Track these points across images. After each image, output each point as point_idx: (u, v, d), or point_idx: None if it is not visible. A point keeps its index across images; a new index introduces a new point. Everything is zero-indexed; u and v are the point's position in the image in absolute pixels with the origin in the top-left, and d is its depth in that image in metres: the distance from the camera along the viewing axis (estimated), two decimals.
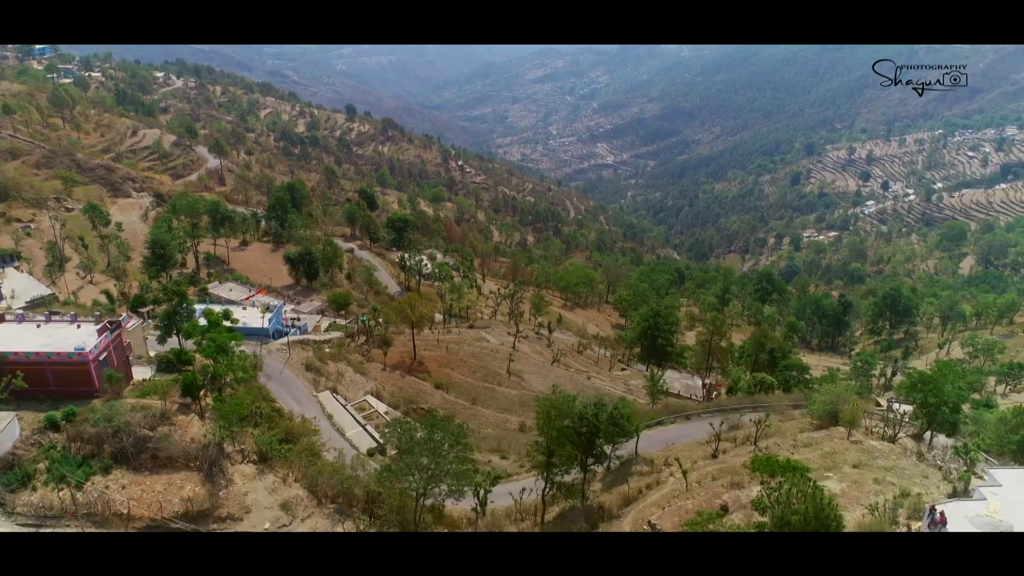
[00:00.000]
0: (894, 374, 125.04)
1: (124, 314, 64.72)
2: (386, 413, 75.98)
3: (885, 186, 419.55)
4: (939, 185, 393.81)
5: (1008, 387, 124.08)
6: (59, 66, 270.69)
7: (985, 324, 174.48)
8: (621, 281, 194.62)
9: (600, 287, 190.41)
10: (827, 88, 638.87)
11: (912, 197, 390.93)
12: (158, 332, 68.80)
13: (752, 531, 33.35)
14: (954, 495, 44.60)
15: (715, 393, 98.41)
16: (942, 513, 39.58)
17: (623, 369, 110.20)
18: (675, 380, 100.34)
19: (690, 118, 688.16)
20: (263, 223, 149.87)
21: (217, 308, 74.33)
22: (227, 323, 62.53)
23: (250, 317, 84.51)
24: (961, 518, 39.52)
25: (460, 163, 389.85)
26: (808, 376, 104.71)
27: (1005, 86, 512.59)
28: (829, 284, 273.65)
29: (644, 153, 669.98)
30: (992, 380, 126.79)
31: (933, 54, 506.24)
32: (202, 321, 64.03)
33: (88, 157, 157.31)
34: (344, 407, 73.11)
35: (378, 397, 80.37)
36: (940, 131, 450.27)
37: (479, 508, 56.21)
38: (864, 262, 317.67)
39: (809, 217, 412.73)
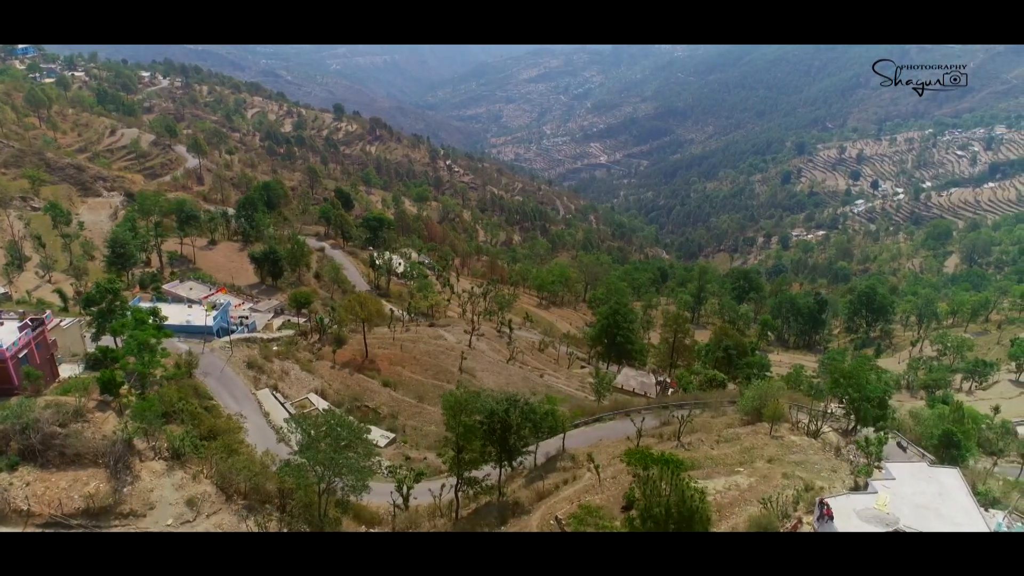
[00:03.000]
0: None
1: (48, 312, 64.49)
2: (326, 411, 75.63)
3: (875, 185, 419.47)
4: (928, 184, 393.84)
5: (974, 384, 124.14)
6: (41, 66, 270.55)
7: (960, 322, 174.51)
8: (600, 280, 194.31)
9: (577, 286, 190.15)
10: (819, 87, 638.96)
11: (901, 196, 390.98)
12: (92, 330, 68.53)
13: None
14: (855, 489, 44.43)
15: (671, 390, 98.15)
16: (828, 507, 39.48)
17: (582, 367, 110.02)
18: (631, 378, 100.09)
19: (683, 117, 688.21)
20: (233, 222, 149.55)
21: (146, 306, 74.05)
22: (155, 320, 62.21)
23: (196, 315, 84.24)
24: (849, 512, 39.41)
25: (448, 162, 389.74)
26: (768, 374, 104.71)
27: (995, 85, 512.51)
28: (813, 283, 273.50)
29: (637, 153, 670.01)
30: (959, 377, 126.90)
31: (925, 53, 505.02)
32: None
33: (58, 156, 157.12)
34: (282, 405, 72.86)
35: (322, 395, 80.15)
36: (930, 130, 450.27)
37: (402, 504, 56.13)
38: (850, 261, 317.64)
39: (799, 216, 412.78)
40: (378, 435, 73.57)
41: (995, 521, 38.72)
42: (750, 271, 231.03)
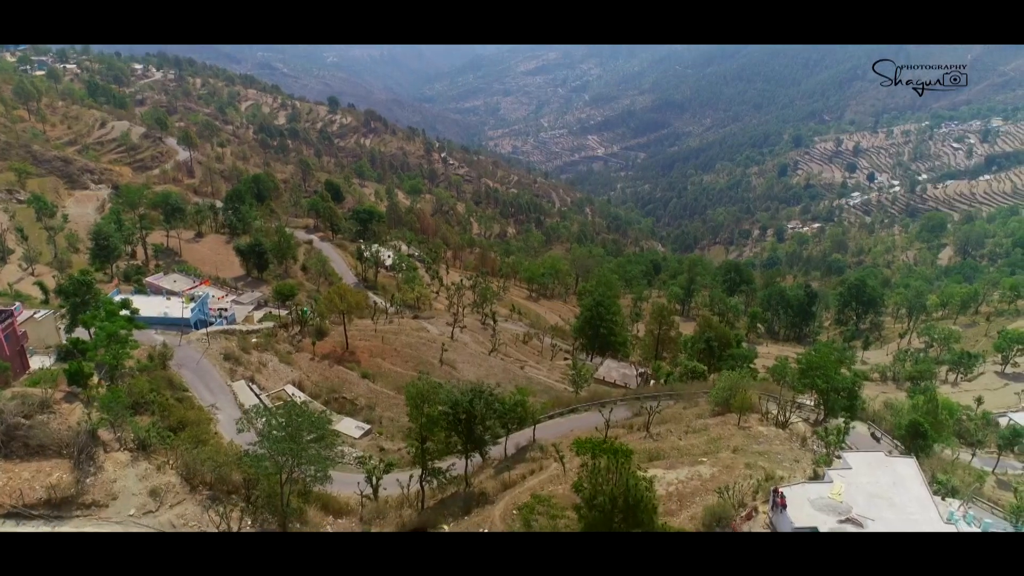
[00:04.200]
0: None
1: (17, 304, 64.40)
2: (303, 403, 75.64)
3: (871, 177, 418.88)
4: (924, 176, 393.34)
5: (959, 376, 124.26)
6: (32, 58, 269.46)
7: (950, 315, 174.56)
8: (591, 272, 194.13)
9: (568, 279, 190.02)
10: (817, 80, 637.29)
11: (897, 188, 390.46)
12: (65, 322, 68.50)
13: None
14: (814, 478, 44.47)
15: (652, 382, 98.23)
16: (782, 495, 39.55)
17: (565, 359, 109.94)
18: (613, 369, 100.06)
19: (681, 110, 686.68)
20: (220, 215, 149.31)
21: (118, 298, 73.96)
22: (126, 312, 62.14)
23: (173, 307, 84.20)
24: (803, 500, 39.47)
25: (443, 155, 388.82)
26: (751, 366, 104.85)
27: (993, 77, 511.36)
28: (807, 275, 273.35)
29: (634, 145, 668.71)
30: (944, 369, 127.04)
31: (924, 50, 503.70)
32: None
33: (45, 149, 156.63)
34: (258, 396, 72.86)
35: (300, 387, 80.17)
36: (927, 123, 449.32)
37: (371, 494, 56.27)
38: (845, 253, 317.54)
39: (795, 209, 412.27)
40: (353, 426, 73.73)
41: (948, 511, 38.74)
42: (742, 264, 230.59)
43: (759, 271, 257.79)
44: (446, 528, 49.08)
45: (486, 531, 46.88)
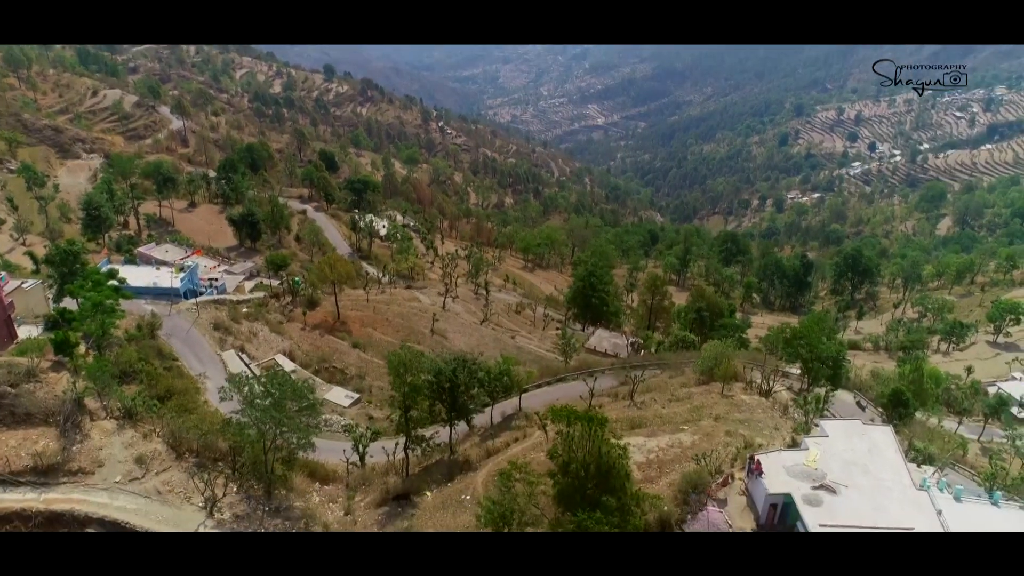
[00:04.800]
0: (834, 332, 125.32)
1: (3, 274, 64.38)
2: (293, 372, 76.07)
3: (872, 147, 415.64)
4: (925, 146, 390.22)
5: (951, 345, 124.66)
6: None
7: (946, 285, 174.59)
8: (587, 243, 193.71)
9: (564, 249, 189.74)
10: (820, 48, 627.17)
11: (898, 158, 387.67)
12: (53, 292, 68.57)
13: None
14: (792, 446, 44.87)
15: (642, 351, 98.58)
16: (758, 462, 39.96)
17: (557, 329, 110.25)
18: (604, 339, 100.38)
19: (682, 79, 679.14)
20: (213, 184, 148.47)
21: (107, 268, 73.92)
22: (113, 282, 62.16)
23: (163, 277, 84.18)
24: (779, 468, 39.88)
25: (441, 124, 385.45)
26: (743, 336, 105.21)
27: (998, 44, 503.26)
28: (805, 246, 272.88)
29: (635, 114, 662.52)
30: (936, 339, 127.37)
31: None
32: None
33: (35, 118, 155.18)
34: (247, 366, 73.18)
35: (290, 356, 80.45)
36: (930, 91, 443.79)
37: (358, 461, 56.89)
38: (844, 224, 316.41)
39: (794, 179, 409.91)
40: (342, 395, 74.21)
41: (921, 477, 39.16)
42: (738, 234, 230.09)
43: (757, 241, 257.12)
44: (429, 494, 49.72)
45: (467, 499, 47.51)
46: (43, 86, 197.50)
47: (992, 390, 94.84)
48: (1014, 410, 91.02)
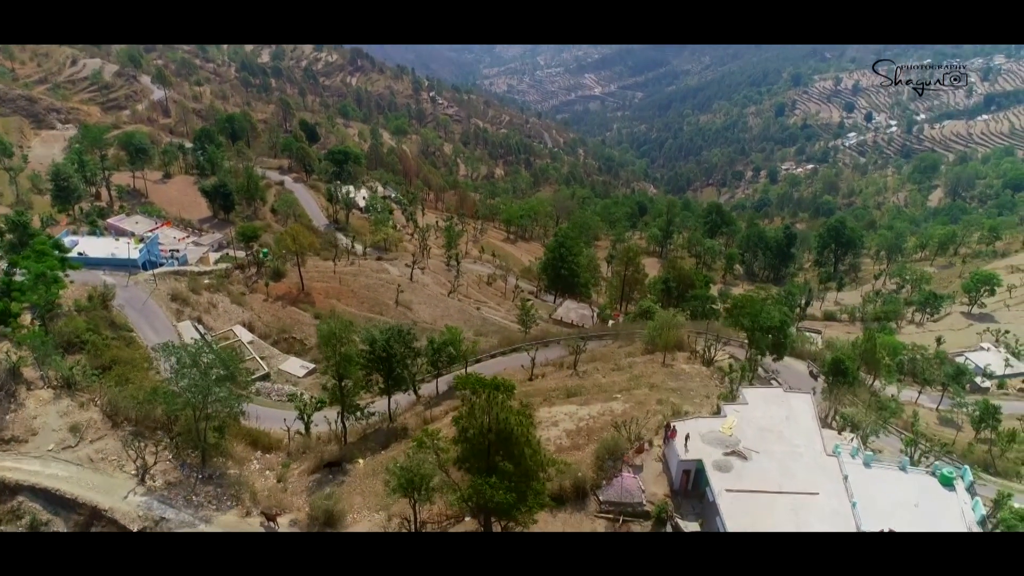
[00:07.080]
0: (807, 303, 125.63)
1: None
2: (250, 343, 76.37)
3: (868, 117, 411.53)
4: (922, 116, 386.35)
5: (925, 316, 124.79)
6: None
7: (930, 256, 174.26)
8: (572, 214, 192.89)
9: (548, 221, 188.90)
10: None
11: (894, 129, 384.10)
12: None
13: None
14: (717, 413, 45.06)
15: (611, 322, 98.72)
16: (673, 429, 40.17)
17: (527, 300, 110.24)
18: (572, 310, 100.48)
19: (680, 47, 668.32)
20: (188, 155, 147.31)
21: (68, 239, 73.63)
22: (58, 253, 61.94)
23: (121, 248, 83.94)
24: (695, 434, 40.09)
25: (432, 94, 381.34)
26: (714, 307, 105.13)
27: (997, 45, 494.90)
28: (795, 217, 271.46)
29: (632, 84, 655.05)
30: (911, 310, 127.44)
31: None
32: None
33: (9, 87, 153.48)
34: (203, 336, 73.26)
35: (249, 327, 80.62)
36: (929, 60, 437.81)
37: (302, 430, 57.31)
38: (836, 195, 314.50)
39: (790, 150, 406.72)
40: (298, 365, 74.52)
41: (833, 444, 39.37)
42: (723, 206, 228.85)
43: (748, 212, 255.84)
44: (361, 462, 50.10)
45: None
46: (20, 55, 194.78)
47: (960, 360, 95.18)
48: (978, 379, 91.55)
